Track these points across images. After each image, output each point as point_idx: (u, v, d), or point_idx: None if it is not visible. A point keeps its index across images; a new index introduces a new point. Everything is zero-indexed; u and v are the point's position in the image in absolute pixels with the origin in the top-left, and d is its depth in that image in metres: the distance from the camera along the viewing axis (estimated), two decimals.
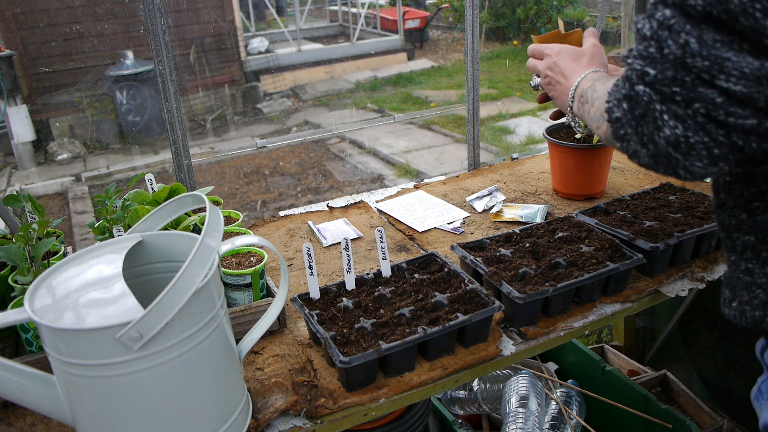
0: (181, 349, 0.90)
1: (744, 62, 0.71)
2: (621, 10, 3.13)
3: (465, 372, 1.23)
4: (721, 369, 2.35)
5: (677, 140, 0.79)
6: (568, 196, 1.89)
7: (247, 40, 9.55)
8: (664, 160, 0.83)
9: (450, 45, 11.83)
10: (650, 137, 0.82)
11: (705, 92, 0.74)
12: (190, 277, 0.88)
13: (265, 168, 6.67)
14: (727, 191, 0.93)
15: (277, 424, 1.10)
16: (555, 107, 1.43)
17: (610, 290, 1.41)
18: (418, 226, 1.76)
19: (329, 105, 8.73)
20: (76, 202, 5.88)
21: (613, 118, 0.88)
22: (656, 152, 0.83)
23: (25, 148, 6.84)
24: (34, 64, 7.36)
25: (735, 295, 0.95)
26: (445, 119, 7.75)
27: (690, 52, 0.74)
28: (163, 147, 7.24)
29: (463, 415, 2.30)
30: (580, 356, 2.39)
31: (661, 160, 0.83)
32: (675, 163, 0.82)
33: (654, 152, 0.83)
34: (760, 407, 0.99)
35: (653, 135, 0.81)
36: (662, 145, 0.81)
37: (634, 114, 0.83)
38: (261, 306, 1.30)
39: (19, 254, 1.20)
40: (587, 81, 1.16)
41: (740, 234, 0.92)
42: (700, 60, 0.73)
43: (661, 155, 0.82)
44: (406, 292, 1.30)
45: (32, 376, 0.93)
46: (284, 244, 1.72)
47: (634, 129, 0.84)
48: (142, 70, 7.38)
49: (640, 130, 0.83)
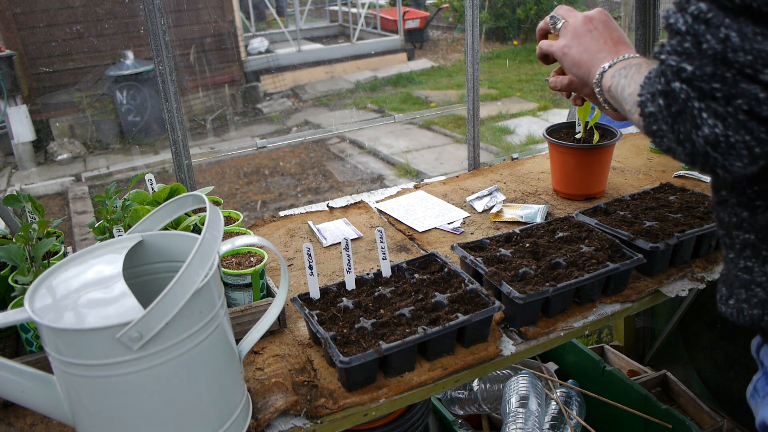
0: (181, 349, 0.90)
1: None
2: (621, 10, 3.13)
3: (465, 372, 1.23)
4: (721, 369, 2.35)
5: (716, 139, 0.76)
6: (568, 196, 1.89)
7: (247, 40, 9.56)
8: (702, 159, 0.79)
9: (450, 45, 11.83)
10: (687, 135, 0.79)
11: (747, 88, 0.72)
12: (190, 277, 0.88)
13: (265, 168, 6.67)
14: (729, 189, 0.92)
15: (277, 424, 1.10)
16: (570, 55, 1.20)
17: (610, 290, 1.41)
18: (418, 226, 1.76)
19: (329, 105, 8.74)
20: (76, 202, 5.89)
21: (647, 113, 0.85)
22: (693, 151, 0.79)
23: (25, 148, 6.85)
24: (34, 64, 7.36)
25: (732, 293, 0.95)
26: (445, 119, 7.75)
27: (731, 47, 0.71)
28: (163, 147, 7.24)
29: (463, 415, 2.30)
30: (580, 356, 2.39)
31: (698, 159, 0.80)
32: (713, 162, 0.79)
33: (691, 151, 0.80)
34: (756, 405, 0.99)
35: (690, 133, 0.78)
36: (700, 144, 0.78)
37: (670, 111, 0.80)
38: (261, 306, 1.30)
39: (19, 254, 1.20)
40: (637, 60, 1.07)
41: (740, 232, 0.92)
42: (742, 54, 0.71)
43: (699, 154, 0.79)
44: (406, 292, 1.30)
45: (32, 376, 0.93)
46: (284, 244, 1.72)
47: (670, 126, 0.81)
48: (142, 70, 7.38)
49: (676, 128, 0.80)
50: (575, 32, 1.18)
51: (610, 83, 1.06)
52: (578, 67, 1.17)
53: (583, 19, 1.19)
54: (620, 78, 1.03)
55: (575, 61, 1.18)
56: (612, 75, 1.06)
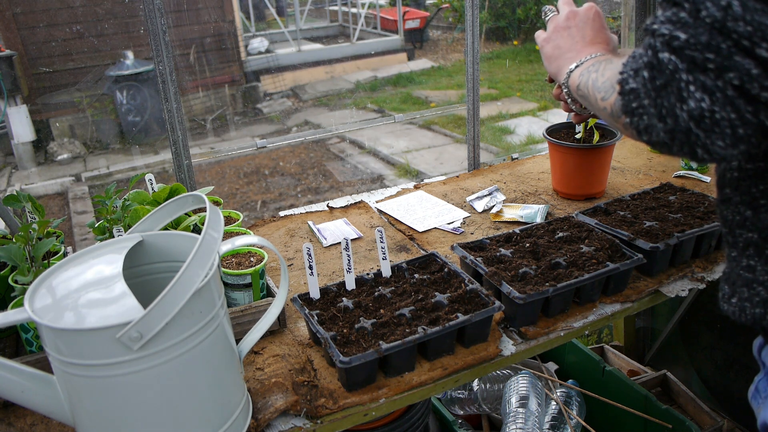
0: (181, 349, 0.90)
1: None
2: (621, 10, 3.12)
3: (465, 372, 1.23)
4: (721, 369, 2.35)
5: (701, 114, 0.73)
6: (568, 196, 1.89)
7: (247, 40, 9.55)
8: (683, 137, 0.77)
9: (450, 45, 11.83)
10: (670, 110, 0.76)
11: (741, 62, 0.70)
12: (190, 277, 0.88)
13: (265, 168, 6.67)
14: (734, 187, 0.91)
15: (277, 424, 1.10)
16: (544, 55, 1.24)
17: (610, 290, 1.41)
18: (418, 226, 1.76)
19: (329, 105, 8.73)
20: (76, 202, 5.88)
21: (627, 90, 0.82)
22: (675, 127, 0.77)
23: (25, 148, 6.84)
24: (34, 64, 7.36)
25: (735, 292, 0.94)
26: (445, 119, 7.75)
27: (732, 15, 0.69)
28: (163, 147, 7.24)
29: (463, 415, 2.30)
30: (580, 356, 2.39)
31: (679, 136, 0.77)
32: (694, 140, 0.76)
33: (672, 127, 0.77)
34: (758, 406, 0.99)
35: (674, 107, 0.76)
36: (683, 119, 0.75)
37: (654, 84, 0.77)
38: (261, 306, 1.30)
39: (20, 254, 1.20)
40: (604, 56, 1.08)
41: (743, 231, 0.91)
42: (742, 24, 0.68)
43: (681, 131, 0.76)
44: (406, 292, 1.30)
45: (32, 376, 0.93)
46: (284, 244, 1.72)
47: (653, 100, 0.78)
48: (142, 70, 7.37)
49: (659, 102, 0.77)
50: (556, 27, 1.20)
51: (579, 81, 1.07)
52: (549, 62, 1.20)
53: (566, 14, 1.19)
54: (590, 74, 1.03)
55: (548, 56, 1.20)
56: (580, 74, 1.07)
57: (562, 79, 1.14)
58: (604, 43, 1.14)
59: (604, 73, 0.99)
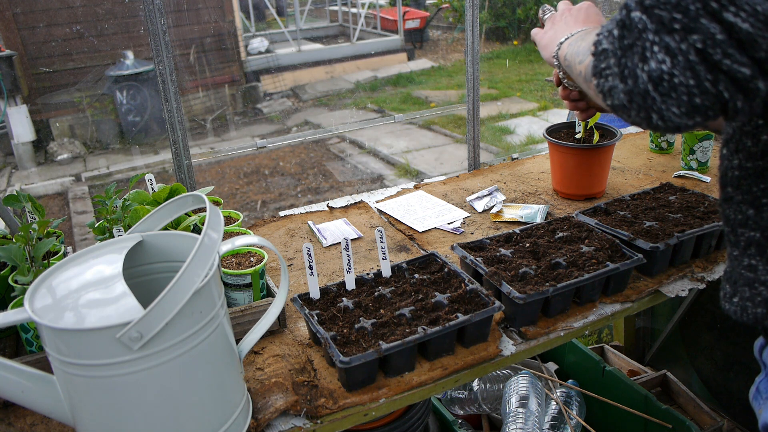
0: (181, 349, 0.90)
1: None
2: None
3: (465, 372, 1.23)
4: (721, 369, 2.35)
5: (660, 76, 0.74)
6: (568, 196, 1.89)
7: (247, 41, 9.56)
8: (640, 99, 0.77)
9: (450, 45, 11.83)
10: (632, 70, 0.77)
11: (707, 25, 0.69)
12: (190, 277, 0.88)
13: (265, 168, 6.67)
14: (736, 186, 0.91)
15: (277, 424, 1.10)
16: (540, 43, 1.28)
17: (610, 290, 1.41)
18: (418, 226, 1.76)
19: (329, 105, 8.74)
20: (76, 202, 5.89)
21: (599, 51, 0.83)
22: (634, 88, 0.77)
23: (25, 148, 6.85)
24: (34, 64, 7.36)
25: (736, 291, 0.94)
26: (445, 119, 7.75)
27: None
28: (163, 147, 7.24)
29: (463, 415, 2.30)
30: (580, 356, 2.39)
31: (636, 98, 0.78)
32: (651, 103, 0.76)
33: (631, 88, 0.77)
34: (759, 407, 0.99)
35: (636, 68, 0.76)
36: (643, 80, 0.76)
37: (622, 43, 0.78)
38: (261, 306, 1.30)
39: (20, 254, 1.20)
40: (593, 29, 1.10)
41: (745, 230, 0.91)
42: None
43: (638, 92, 0.77)
44: (406, 292, 1.30)
45: (32, 376, 0.93)
46: (284, 244, 1.72)
47: (618, 60, 0.79)
48: (142, 70, 7.38)
49: (623, 62, 0.78)
50: (553, 20, 1.23)
51: (566, 51, 1.09)
52: (543, 49, 1.22)
53: (562, 9, 1.23)
54: (577, 42, 1.05)
55: (543, 45, 1.23)
56: (568, 44, 1.09)
57: (552, 53, 1.16)
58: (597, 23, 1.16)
59: (585, 38, 1.02)
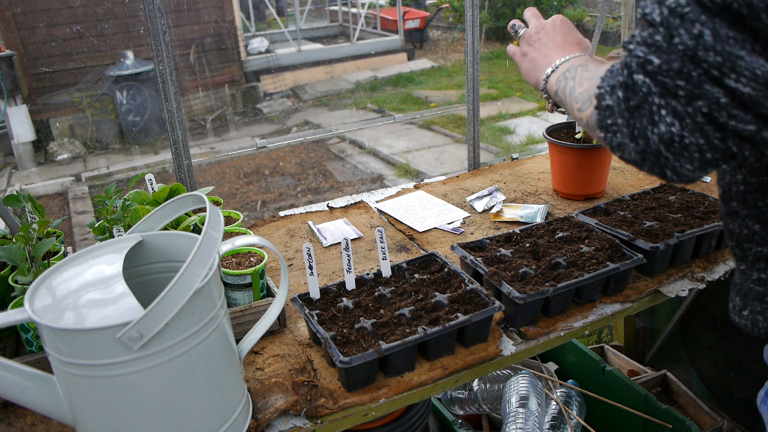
0: (181, 349, 0.90)
1: (757, 63, 0.68)
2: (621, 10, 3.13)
3: (465, 372, 1.23)
4: (721, 369, 2.35)
5: (671, 138, 0.75)
6: (568, 196, 1.89)
7: (247, 40, 9.55)
8: (653, 158, 0.79)
9: (450, 45, 11.83)
10: (642, 132, 0.78)
11: (711, 90, 0.71)
12: (190, 277, 0.88)
13: (265, 168, 6.67)
14: (740, 200, 0.90)
15: (277, 424, 1.10)
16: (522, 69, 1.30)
17: (610, 290, 1.41)
18: (418, 226, 1.76)
19: (329, 105, 8.73)
20: (76, 202, 5.89)
21: (603, 106, 0.84)
22: (646, 148, 0.79)
23: (25, 148, 6.85)
24: (34, 64, 7.36)
25: (746, 304, 0.94)
26: (445, 119, 7.75)
27: (704, 45, 0.70)
28: (163, 147, 7.24)
29: (463, 415, 2.30)
30: (580, 356, 2.39)
31: (649, 157, 0.79)
32: (664, 162, 0.78)
33: (643, 148, 0.79)
34: (767, 412, 0.99)
35: (646, 130, 0.77)
36: (654, 141, 0.77)
37: (628, 104, 0.79)
38: (261, 306, 1.30)
39: (20, 254, 1.20)
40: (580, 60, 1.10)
41: (752, 245, 0.91)
42: (713, 54, 0.69)
43: (651, 152, 0.78)
44: (406, 292, 1.30)
45: (32, 376, 0.93)
46: (284, 244, 1.72)
47: (626, 121, 0.80)
48: (142, 70, 7.38)
49: (632, 123, 0.79)
50: (528, 41, 1.25)
51: (556, 87, 1.11)
52: (527, 76, 1.24)
53: (535, 28, 1.24)
54: (567, 80, 1.07)
55: (525, 71, 1.25)
56: (557, 79, 1.11)
57: (540, 87, 1.18)
58: (575, 44, 1.18)
59: (581, 82, 1.02)
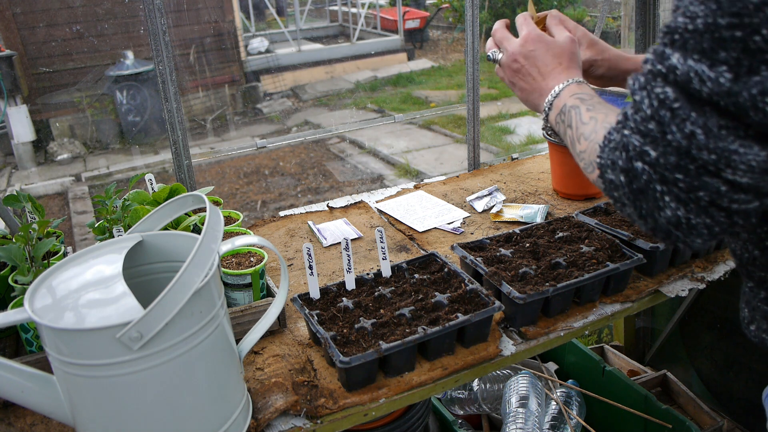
0: (181, 349, 0.90)
1: (751, 153, 0.69)
2: (621, 10, 3.13)
3: (465, 372, 1.23)
4: (721, 369, 2.35)
5: (678, 221, 0.77)
6: (568, 196, 1.89)
7: (247, 40, 9.56)
8: (663, 234, 0.81)
9: (450, 45, 11.84)
10: (650, 213, 0.80)
11: (709, 181, 0.72)
12: (190, 277, 0.88)
13: (265, 168, 6.67)
14: None
15: (277, 424, 1.10)
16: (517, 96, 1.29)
17: (610, 290, 1.41)
18: (418, 226, 1.76)
19: (329, 105, 8.74)
20: (76, 202, 5.89)
21: (607, 179, 0.85)
22: (656, 227, 0.81)
23: (25, 148, 6.85)
24: (34, 64, 7.37)
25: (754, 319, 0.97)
26: (445, 119, 7.75)
27: (696, 144, 0.71)
28: (163, 147, 7.24)
29: (463, 415, 2.30)
30: (580, 356, 2.39)
31: (659, 233, 0.82)
32: (675, 238, 0.80)
33: (653, 227, 0.81)
34: None
35: (653, 212, 0.79)
36: (662, 222, 0.79)
37: (632, 187, 0.81)
38: (261, 306, 1.30)
39: (19, 254, 1.20)
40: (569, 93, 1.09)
41: (755, 269, 0.92)
42: (706, 153, 0.71)
43: (661, 230, 0.81)
44: (406, 292, 1.30)
45: (32, 376, 0.93)
46: (284, 244, 1.72)
47: (632, 202, 0.82)
48: (142, 70, 7.38)
49: (638, 204, 0.81)
50: (510, 72, 1.22)
51: (557, 129, 1.12)
52: (526, 103, 1.24)
53: (509, 58, 1.21)
54: (565, 127, 1.07)
55: (521, 98, 1.24)
56: (555, 122, 1.12)
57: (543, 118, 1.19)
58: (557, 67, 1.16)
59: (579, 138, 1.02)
